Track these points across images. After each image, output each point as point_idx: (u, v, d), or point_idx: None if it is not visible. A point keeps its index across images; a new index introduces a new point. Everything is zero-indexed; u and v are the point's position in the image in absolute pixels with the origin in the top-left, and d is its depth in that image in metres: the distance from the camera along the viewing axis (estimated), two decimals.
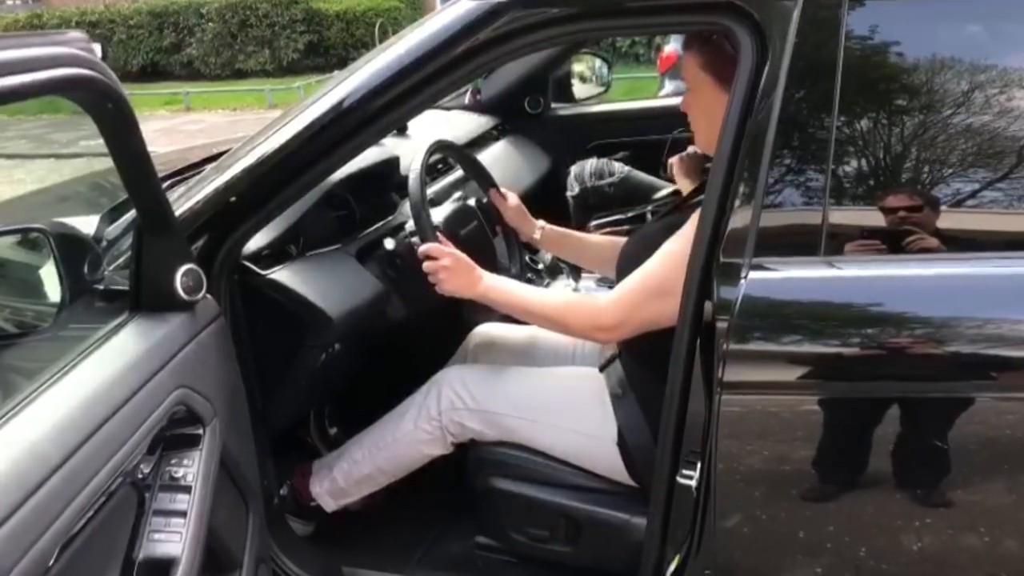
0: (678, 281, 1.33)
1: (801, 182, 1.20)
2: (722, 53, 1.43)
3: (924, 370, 1.16)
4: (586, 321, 1.51)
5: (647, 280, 1.46)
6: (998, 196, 1.18)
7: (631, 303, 1.46)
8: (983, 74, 1.16)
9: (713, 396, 1.19)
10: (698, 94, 1.51)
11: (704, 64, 1.47)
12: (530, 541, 1.64)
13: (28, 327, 1.40)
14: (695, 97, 1.52)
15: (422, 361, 1.89)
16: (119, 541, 1.13)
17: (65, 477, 0.94)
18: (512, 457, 1.63)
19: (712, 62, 1.46)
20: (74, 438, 0.98)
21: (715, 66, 1.45)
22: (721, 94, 1.42)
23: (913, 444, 1.19)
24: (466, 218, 1.87)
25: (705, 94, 1.48)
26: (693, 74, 1.50)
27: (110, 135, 1.07)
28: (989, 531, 1.20)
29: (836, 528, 1.24)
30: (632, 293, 1.47)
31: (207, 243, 1.43)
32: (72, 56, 0.93)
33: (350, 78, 1.40)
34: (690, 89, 1.53)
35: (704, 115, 1.51)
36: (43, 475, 0.92)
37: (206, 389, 1.25)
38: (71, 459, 0.96)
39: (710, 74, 1.46)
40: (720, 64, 1.43)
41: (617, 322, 1.48)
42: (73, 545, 0.99)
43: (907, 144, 1.19)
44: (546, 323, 1.58)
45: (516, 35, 1.32)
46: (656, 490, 1.36)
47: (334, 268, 1.72)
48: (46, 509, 0.91)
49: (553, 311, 1.55)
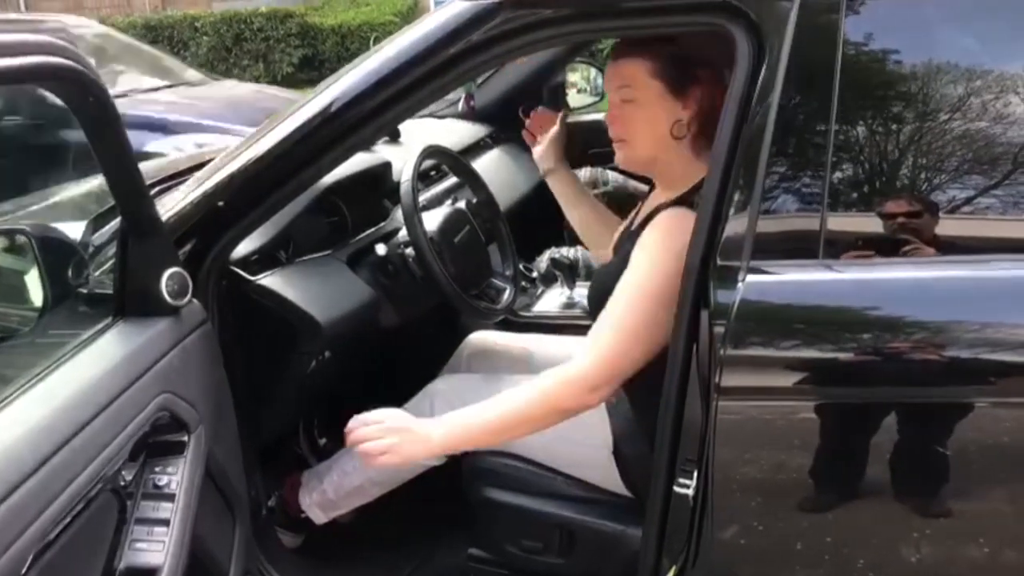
0: (652, 315, 1.30)
1: (799, 184, 1.19)
2: (681, 61, 1.39)
3: (925, 375, 1.14)
4: (576, 392, 1.36)
5: (619, 326, 1.36)
6: (999, 198, 1.16)
7: (615, 354, 1.35)
8: (982, 77, 1.15)
9: (710, 402, 1.17)
10: (643, 104, 1.41)
11: (657, 71, 1.40)
12: (524, 553, 1.61)
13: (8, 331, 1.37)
14: (637, 108, 1.42)
15: (414, 369, 1.87)
16: (99, 549, 1.11)
17: (40, 482, 0.92)
18: (506, 467, 1.61)
19: (666, 68, 1.40)
20: (50, 442, 0.95)
21: (671, 74, 1.40)
22: (673, 104, 1.40)
23: (914, 450, 1.17)
24: (459, 224, 1.85)
25: (652, 104, 1.41)
26: (641, 81, 1.41)
27: (91, 131, 1.04)
28: (989, 539, 1.18)
29: (836, 537, 1.22)
30: (611, 345, 1.35)
31: (194, 248, 1.41)
32: (51, 45, 0.91)
33: (340, 81, 1.39)
34: (631, 99, 1.42)
35: (647, 127, 1.42)
36: (16, 480, 0.89)
37: (191, 395, 1.23)
38: (47, 464, 0.93)
39: (662, 81, 1.40)
40: (678, 73, 1.39)
41: (608, 376, 1.36)
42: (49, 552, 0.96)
43: (907, 146, 1.18)
44: (537, 422, 1.39)
45: (509, 37, 1.30)
46: (652, 499, 1.34)
47: (325, 274, 1.70)
48: (18, 515, 0.88)
49: (537, 406, 1.37)
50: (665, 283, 1.31)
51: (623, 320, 1.35)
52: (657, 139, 1.42)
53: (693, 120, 1.41)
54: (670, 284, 1.29)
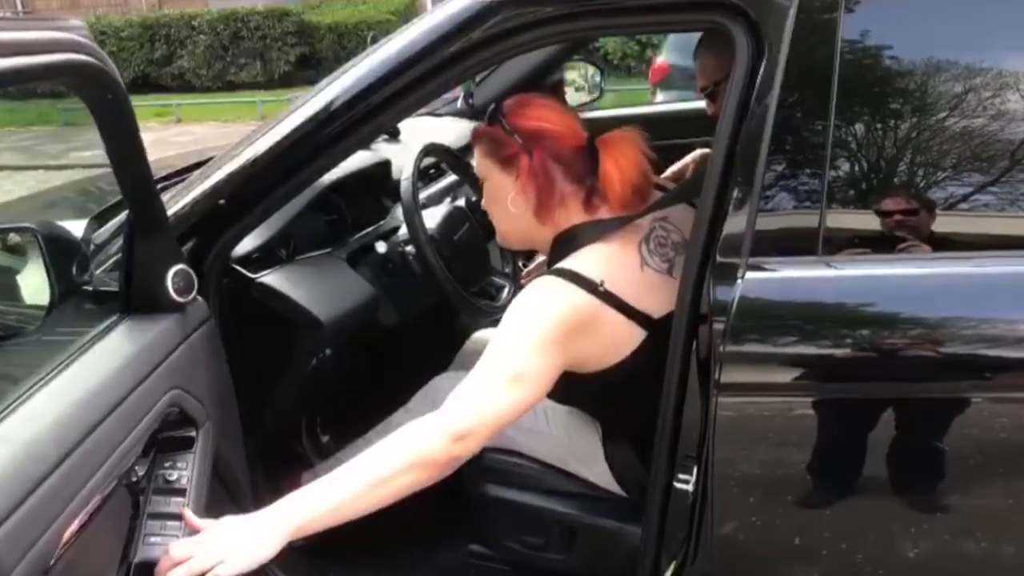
0: (511, 370, 1.24)
1: (798, 181, 1.19)
2: (497, 135, 1.42)
3: (923, 371, 1.15)
4: (441, 436, 1.23)
5: (481, 377, 1.27)
6: (996, 195, 1.17)
7: (478, 403, 1.25)
8: (979, 75, 1.16)
9: (710, 398, 1.17)
10: (489, 185, 1.46)
11: (486, 152, 1.44)
12: (524, 549, 1.61)
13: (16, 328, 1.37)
14: (487, 190, 1.47)
15: (415, 366, 1.87)
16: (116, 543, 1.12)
17: (64, 475, 0.93)
18: (507, 464, 1.61)
19: (490, 148, 1.43)
20: (72, 436, 0.96)
21: (495, 152, 1.43)
22: (505, 179, 1.42)
23: (912, 446, 1.18)
24: (459, 222, 1.85)
25: (493, 183, 1.45)
26: (483, 167, 1.46)
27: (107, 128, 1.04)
28: (988, 535, 1.19)
29: (835, 533, 1.22)
30: (474, 394, 1.26)
31: (196, 246, 1.42)
32: (73, 42, 0.91)
33: (340, 79, 1.39)
34: (483, 183, 1.48)
35: (495, 204, 1.46)
36: (42, 472, 0.90)
37: (198, 391, 1.24)
38: (69, 457, 0.94)
39: (491, 160, 1.44)
40: (498, 148, 1.42)
41: (472, 424, 1.24)
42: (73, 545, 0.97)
43: (906, 143, 1.18)
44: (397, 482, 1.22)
45: (509, 35, 1.31)
46: (651, 496, 1.34)
47: (325, 272, 1.70)
48: (46, 507, 0.89)
49: (396, 462, 1.22)
50: (527, 342, 1.28)
51: (486, 372, 1.28)
52: (505, 213, 1.45)
53: (526, 189, 1.41)
54: (534, 343, 1.28)
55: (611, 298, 1.32)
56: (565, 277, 1.32)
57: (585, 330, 1.31)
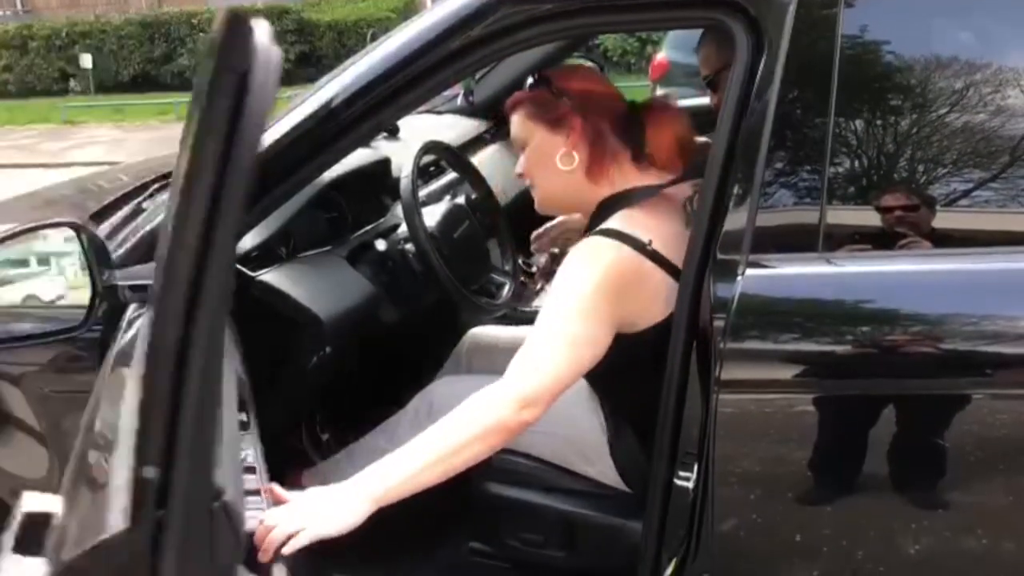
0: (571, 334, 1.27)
1: (798, 178, 1.19)
2: (544, 97, 1.44)
3: (924, 367, 1.15)
4: (509, 403, 1.27)
5: (542, 342, 1.30)
6: (997, 191, 1.17)
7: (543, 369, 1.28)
8: (979, 71, 1.16)
9: (710, 395, 1.17)
10: (533, 148, 1.47)
11: (531, 115, 1.45)
12: (524, 546, 1.61)
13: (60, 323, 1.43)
14: (531, 153, 1.48)
15: (415, 364, 1.87)
16: None
17: None
18: (507, 462, 1.61)
19: (537, 111, 1.45)
20: None
21: (542, 113, 1.44)
22: (554, 139, 1.43)
23: (913, 443, 1.17)
24: (459, 219, 1.85)
25: (539, 145, 1.45)
26: (525, 131, 1.47)
27: None
28: (987, 531, 1.19)
29: (835, 529, 1.22)
30: (537, 360, 1.29)
31: None
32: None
33: (340, 77, 1.39)
34: (524, 147, 1.48)
35: (542, 165, 1.46)
36: None
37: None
38: None
39: (538, 122, 1.45)
40: (547, 111, 1.43)
41: (539, 390, 1.27)
42: None
43: (906, 139, 1.18)
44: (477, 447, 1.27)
45: (509, 32, 1.30)
46: (652, 493, 1.34)
47: (325, 270, 1.70)
48: None
49: (469, 432, 1.26)
50: (580, 304, 1.30)
51: (544, 337, 1.31)
52: (553, 174, 1.46)
53: (578, 146, 1.43)
54: (587, 305, 1.29)
55: (658, 257, 1.34)
56: (613, 236, 1.34)
57: (635, 288, 1.33)
